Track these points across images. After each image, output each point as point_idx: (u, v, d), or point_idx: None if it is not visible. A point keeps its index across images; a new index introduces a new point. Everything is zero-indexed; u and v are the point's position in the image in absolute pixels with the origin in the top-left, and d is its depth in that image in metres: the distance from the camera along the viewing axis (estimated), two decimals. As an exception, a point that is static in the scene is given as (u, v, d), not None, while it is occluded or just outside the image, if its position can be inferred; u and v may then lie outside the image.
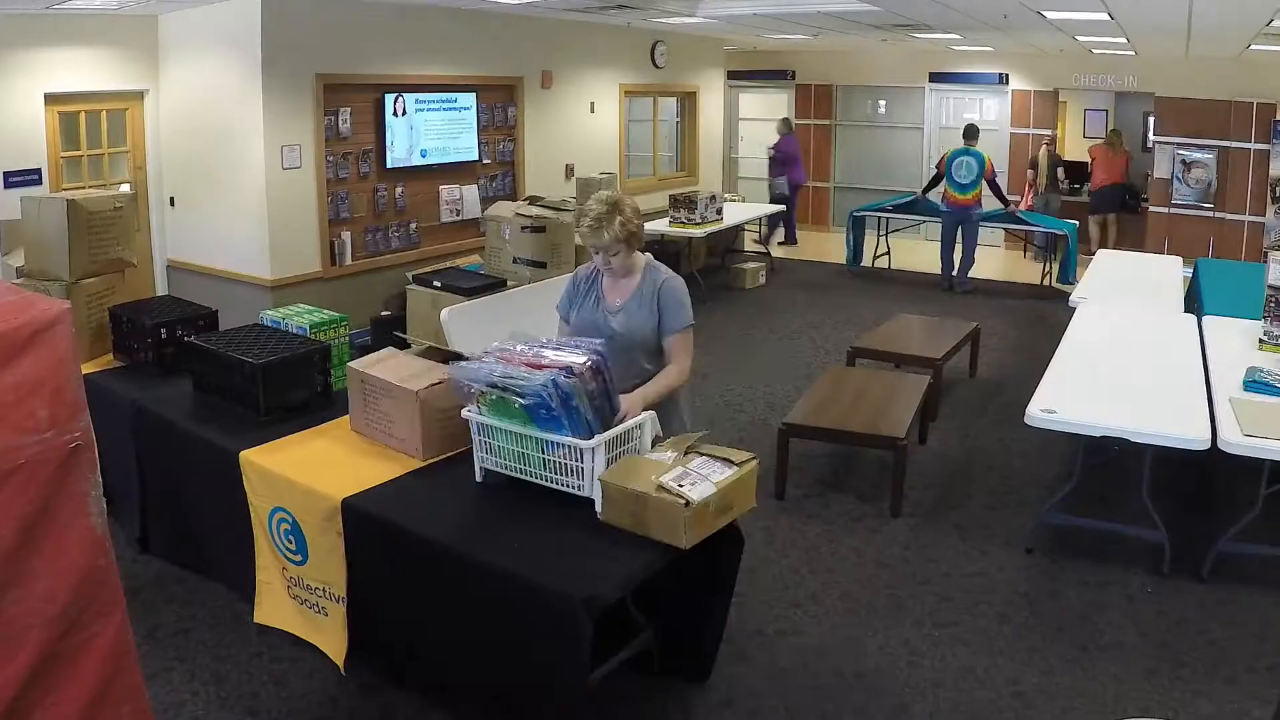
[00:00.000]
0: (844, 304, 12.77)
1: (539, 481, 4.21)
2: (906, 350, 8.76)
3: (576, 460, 4.06)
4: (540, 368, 4.04)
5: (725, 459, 4.12)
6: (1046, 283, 13.85)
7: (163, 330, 5.98)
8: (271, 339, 5.52)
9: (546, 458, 4.15)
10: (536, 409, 3.99)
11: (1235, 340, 7.13)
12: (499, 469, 4.34)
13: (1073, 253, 13.71)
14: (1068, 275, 13.36)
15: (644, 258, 4.80)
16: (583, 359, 4.07)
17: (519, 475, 4.27)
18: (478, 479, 4.40)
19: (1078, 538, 6.05)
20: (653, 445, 4.30)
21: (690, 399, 5.15)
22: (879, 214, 15.04)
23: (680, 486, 3.83)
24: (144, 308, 6.36)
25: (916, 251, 15.46)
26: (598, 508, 4.04)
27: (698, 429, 4.59)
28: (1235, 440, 5.28)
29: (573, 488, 4.12)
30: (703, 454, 4.16)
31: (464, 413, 4.31)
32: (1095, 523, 6.00)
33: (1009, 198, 14.80)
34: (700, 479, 3.92)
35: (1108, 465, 6.09)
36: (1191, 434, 5.38)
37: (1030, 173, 16.30)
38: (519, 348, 4.25)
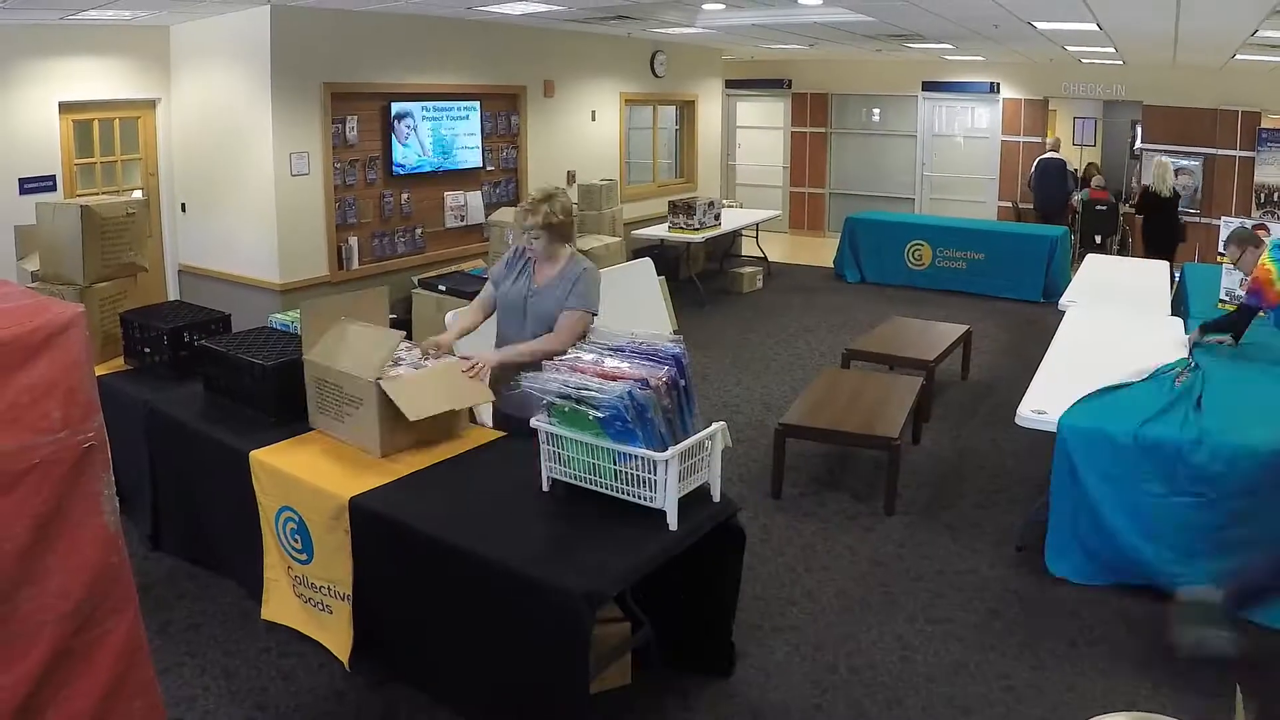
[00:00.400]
0: (838, 307, 12.77)
1: (609, 492, 4.15)
2: (900, 353, 8.73)
3: (649, 472, 4.01)
4: (614, 378, 4.03)
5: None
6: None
7: (175, 335, 5.98)
8: (280, 342, 5.53)
9: (619, 469, 4.08)
10: (611, 421, 3.94)
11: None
12: (568, 479, 4.27)
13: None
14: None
15: (570, 249, 5.27)
16: (660, 372, 4.06)
17: (589, 485, 4.21)
18: (544, 488, 4.36)
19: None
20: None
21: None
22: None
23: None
24: (156, 312, 6.37)
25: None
26: (671, 523, 4.03)
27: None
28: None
29: (645, 499, 4.06)
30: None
31: (533, 422, 4.27)
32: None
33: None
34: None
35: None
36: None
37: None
38: (587, 356, 4.25)
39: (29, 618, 2.68)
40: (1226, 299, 7.92)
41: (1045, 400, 5.90)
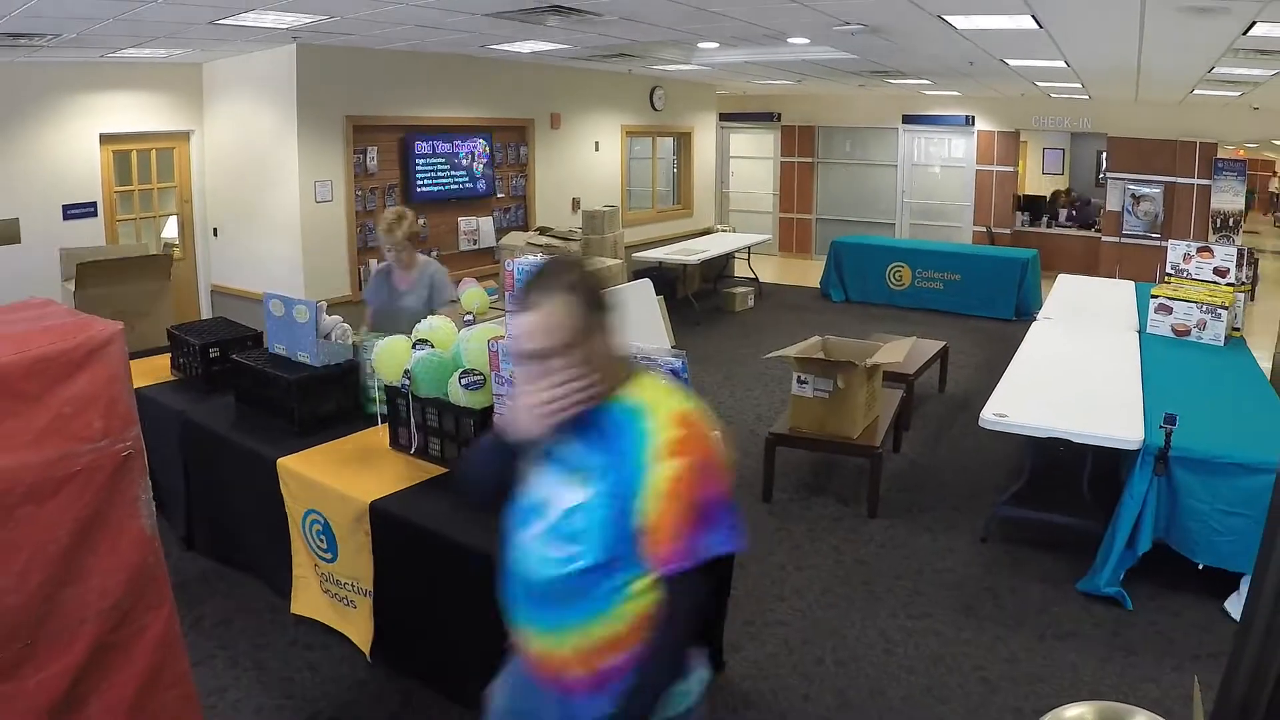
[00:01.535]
0: (825, 325, 12.70)
1: None
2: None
3: None
4: None
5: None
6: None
7: (207, 350, 6.03)
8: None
9: None
10: None
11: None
12: None
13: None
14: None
15: (422, 257, 6.12)
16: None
17: None
18: None
19: (1033, 529, 6.10)
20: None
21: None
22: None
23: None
24: (195, 329, 6.41)
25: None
26: None
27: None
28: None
29: None
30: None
31: None
32: (1043, 515, 6.01)
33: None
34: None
35: (1058, 464, 6.09)
36: (1125, 435, 5.44)
37: None
38: None
39: (72, 614, 2.71)
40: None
41: (1007, 405, 5.95)
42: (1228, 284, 8.06)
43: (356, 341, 5.45)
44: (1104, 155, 16.61)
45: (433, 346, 4.83)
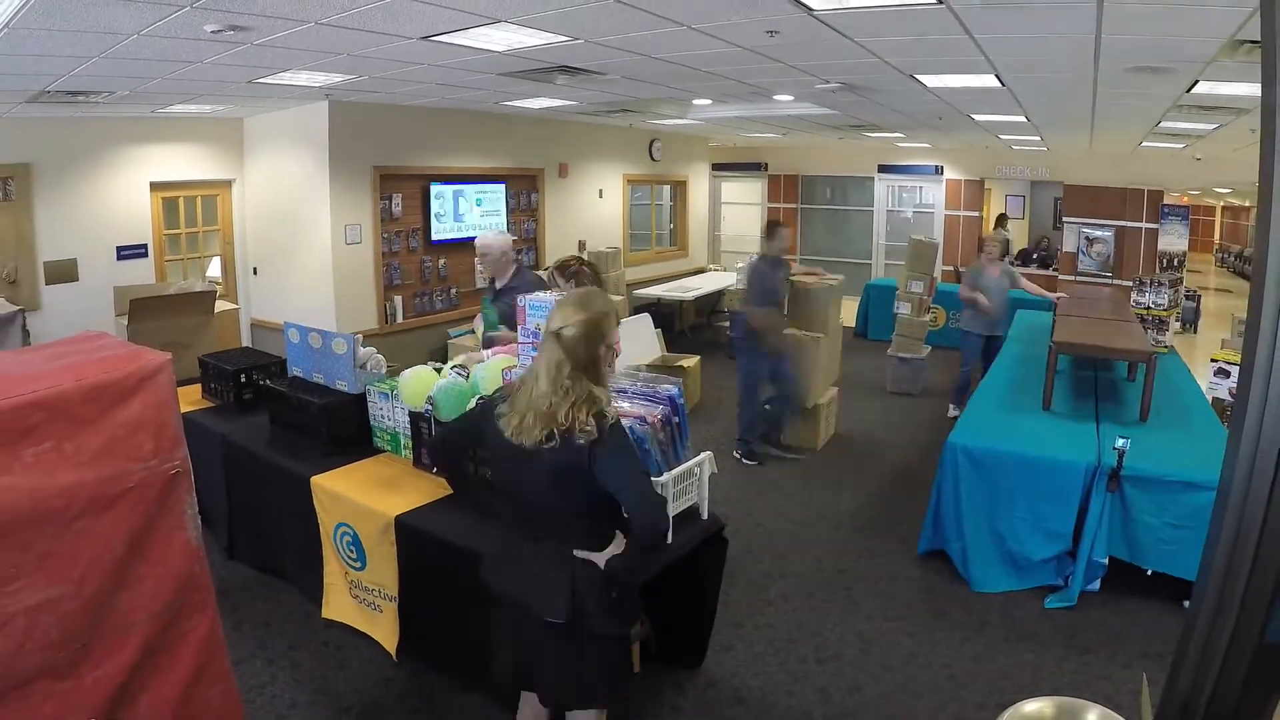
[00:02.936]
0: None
1: None
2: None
3: None
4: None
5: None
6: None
7: (242, 375, 6.10)
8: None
9: None
10: None
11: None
12: None
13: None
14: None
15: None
16: (656, 410, 4.13)
17: None
18: None
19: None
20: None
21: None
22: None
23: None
24: (224, 357, 6.47)
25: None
26: (667, 537, 4.05)
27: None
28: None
29: None
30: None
31: None
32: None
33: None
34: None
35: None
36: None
37: None
38: None
39: (125, 617, 2.72)
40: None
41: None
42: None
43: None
44: (1060, 201, 16.65)
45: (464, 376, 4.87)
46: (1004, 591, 5.58)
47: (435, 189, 10.70)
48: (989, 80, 6.94)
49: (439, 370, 5.00)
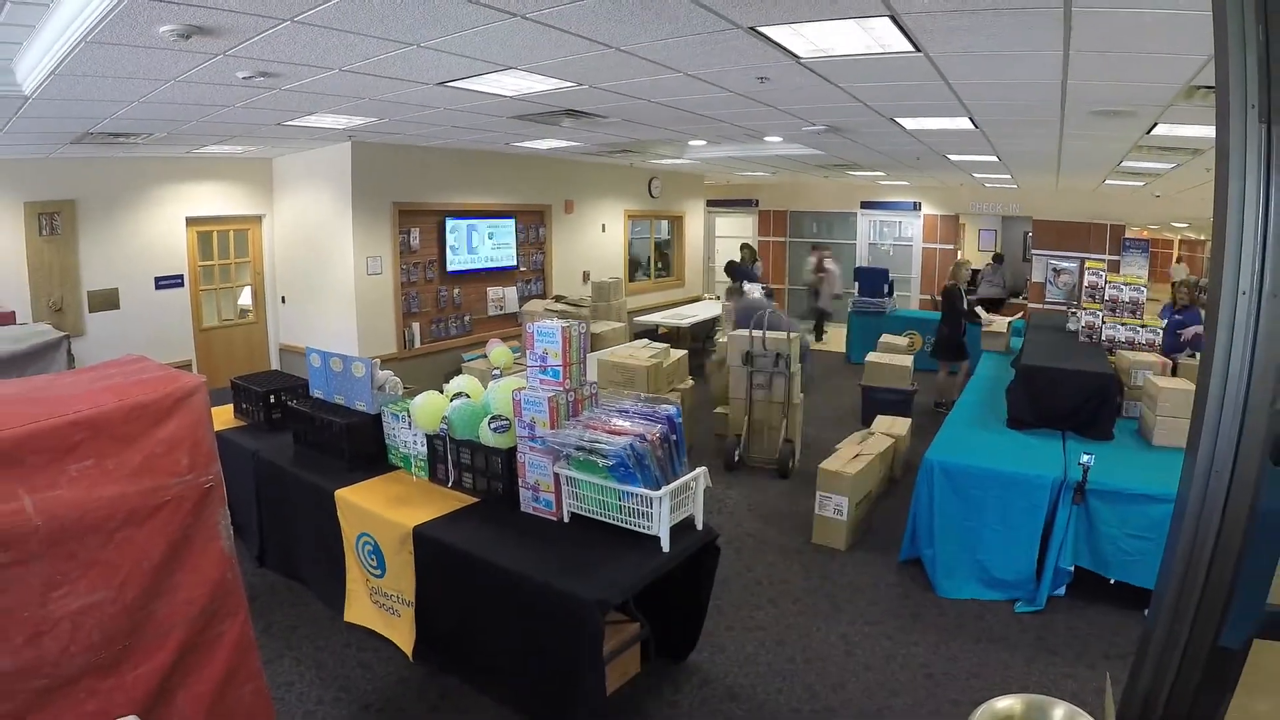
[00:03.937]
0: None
1: (615, 522, 4.25)
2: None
3: (647, 506, 4.12)
4: (619, 434, 4.13)
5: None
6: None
7: (271, 396, 6.14)
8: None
9: (623, 504, 4.19)
10: (617, 467, 4.05)
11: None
12: (583, 512, 4.36)
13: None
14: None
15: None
16: (655, 429, 4.17)
17: (599, 517, 4.30)
18: (564, 519, 4.43)
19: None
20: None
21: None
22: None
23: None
24: (255, 379, 6.51)
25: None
26: (664, 546, 4.09)
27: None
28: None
29: (643, 528, 4.16)
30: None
31: (554, 468, 4.36)
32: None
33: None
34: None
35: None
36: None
37: None
38: (602, 416, 4.37)
39: (163, 621, 2.75)
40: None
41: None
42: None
43: None
44: (1030, 235, 16.71)
45: (469, 397, 4.91)
46: (975, 598, 5.59)
47: (450, 223, 10.74)
48: (963, 122, 6.99)
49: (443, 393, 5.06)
